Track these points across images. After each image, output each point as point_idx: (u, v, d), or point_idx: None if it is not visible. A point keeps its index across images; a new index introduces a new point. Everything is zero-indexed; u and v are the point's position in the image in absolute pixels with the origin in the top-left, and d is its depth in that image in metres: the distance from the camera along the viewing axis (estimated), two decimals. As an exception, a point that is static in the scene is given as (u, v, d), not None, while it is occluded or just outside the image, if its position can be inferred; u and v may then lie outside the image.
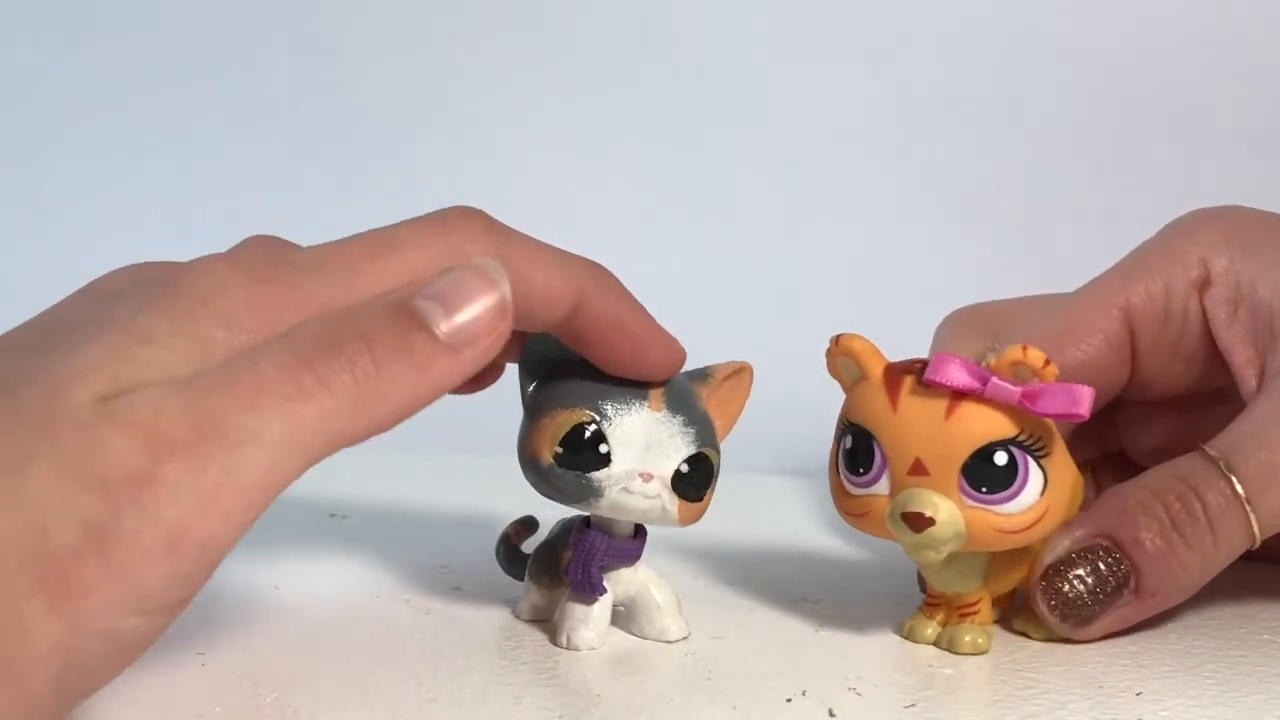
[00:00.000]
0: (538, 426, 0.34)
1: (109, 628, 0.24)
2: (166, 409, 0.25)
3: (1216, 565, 0.36)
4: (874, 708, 0.31)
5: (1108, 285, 0.40)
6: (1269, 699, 0.32)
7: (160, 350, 0.26)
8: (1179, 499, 0.35)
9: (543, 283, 0.31)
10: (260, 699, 0.31)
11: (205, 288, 0.27)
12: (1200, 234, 0.39)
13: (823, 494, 0.54)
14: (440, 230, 0.30)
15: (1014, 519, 0.33)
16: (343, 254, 0.29)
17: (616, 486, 0.34)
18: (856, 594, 0.40)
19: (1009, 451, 0.33)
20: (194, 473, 0.24)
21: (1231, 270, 0.38)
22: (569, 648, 0.35)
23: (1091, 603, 0.35)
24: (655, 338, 0.34)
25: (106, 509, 0.24)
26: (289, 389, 0.26)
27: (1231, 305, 0.38)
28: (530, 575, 0.37)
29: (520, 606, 0.38)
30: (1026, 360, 0.32)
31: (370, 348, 0.27)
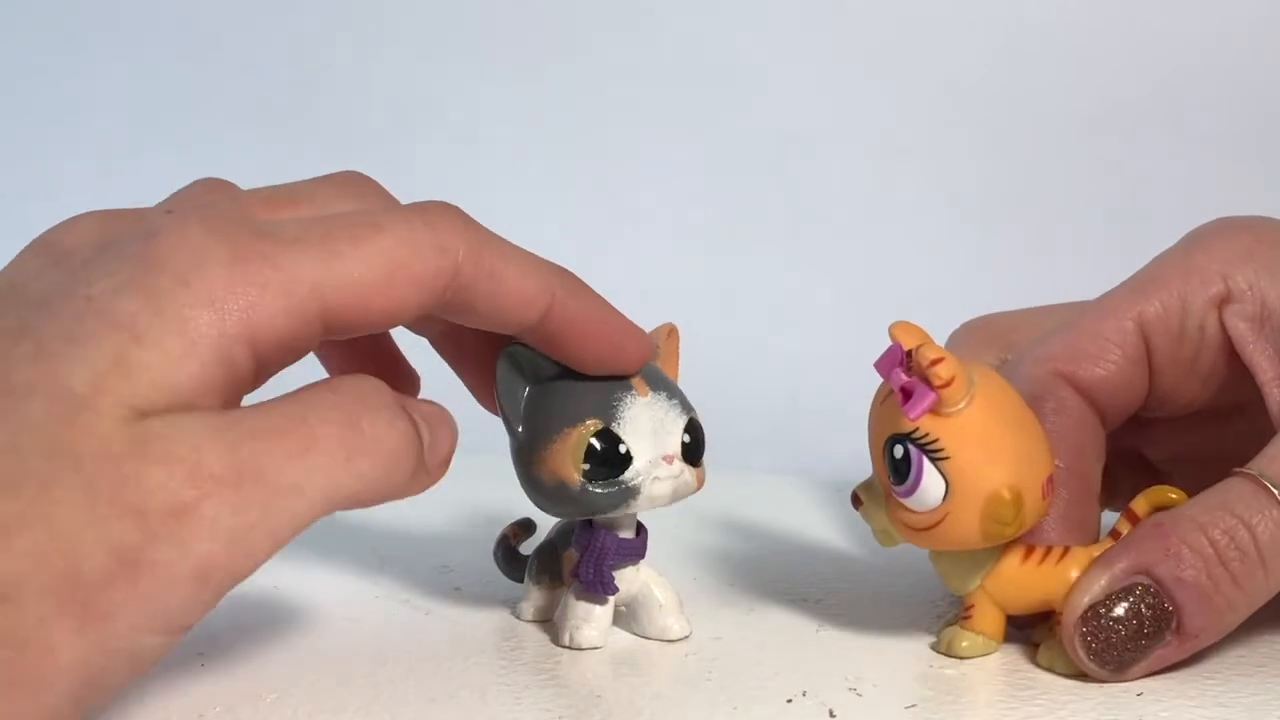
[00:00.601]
0: (549, 453, 0.34)
1: (130, 647, 0.25)
2: (206, 446, 0.26)
3: (1265, 598, 0.34)
4: (874, 708, 0.31)
5: (1123, 298, 0.38)
6: (1269, 699, 0.32)
7: (155, 355, 0.26)
8: (1226, 532, 0.33)
9: (517, 285, 0.31)
10: (260, 699, 0.31)
11: (184, 263, 0.27)
12: (1221, 249, 0.38)
13: (823, 494, 0.54)
14: (422, 223, 0.30)
15: (915, 516, 0.33)
16: (323, 232, 0.29)
17: (648, 479, 0.34)
18: (856, 594, 0.40)
19: (905, 446, 0.33)
20: (234, 511, 0.26)
21: (1256, 287, 0.37)
22: (572, 646, 0.35)
23: (1132, 647, 0.33)
24: (627, 333, 0.34)
25: (140, 537, 0.25)
26: (335, 452, 0.27)
27: (1257, 322, 0.37)
28: (531, 576, 0.37)
29: (521, 607, 0.38)
30: (916, 356, 0.32)
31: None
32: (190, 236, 0.27)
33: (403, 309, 0.30)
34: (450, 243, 0.30)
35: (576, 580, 0.35)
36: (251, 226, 0.28)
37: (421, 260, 0.29)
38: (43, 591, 0.24)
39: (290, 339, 0.28)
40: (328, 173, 0.33)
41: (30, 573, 0.24)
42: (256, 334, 0.27)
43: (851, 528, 0.49)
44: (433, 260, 0.30)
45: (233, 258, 0.27)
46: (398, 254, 0.29)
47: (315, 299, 0.28)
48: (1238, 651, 0.35)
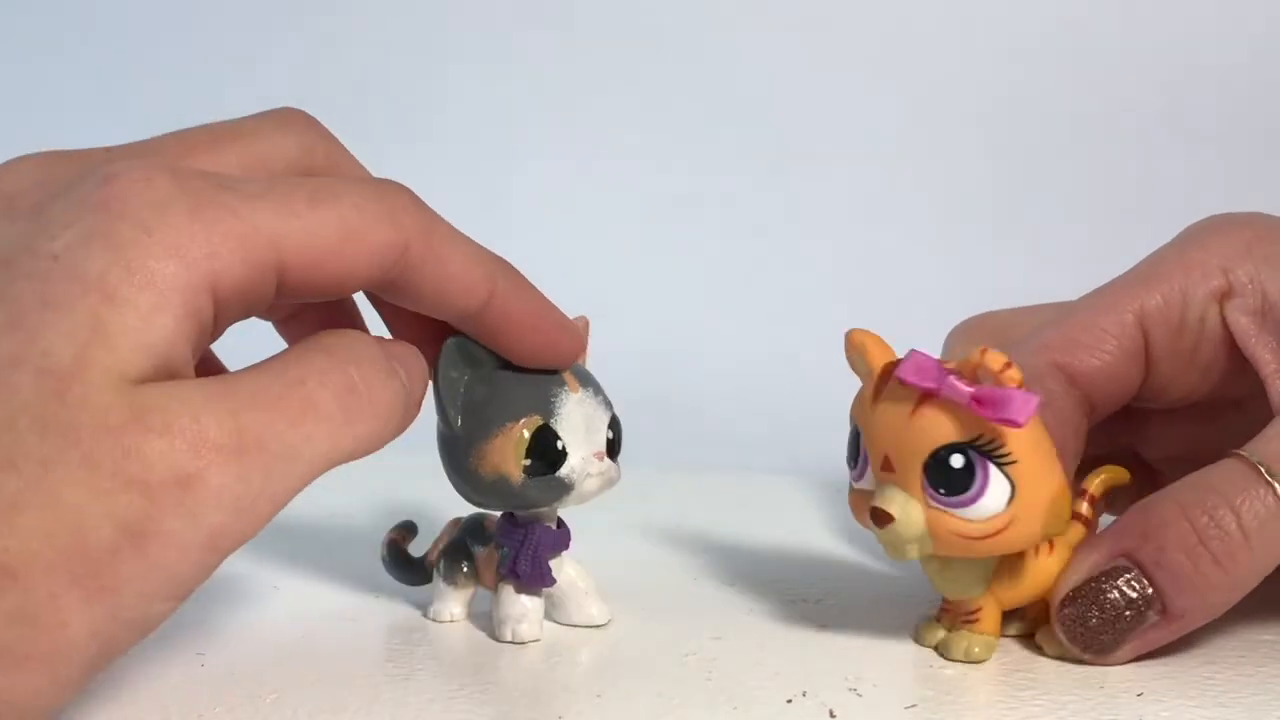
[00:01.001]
0: (490, 447, 0.34)
1: (142, 615, 0.26)
2: (206, 415, 0.26)
3: (1254, 579, 0.34)
4: (874, 708, 0.31)
5: (1122, 291, 0.39)
6: (1269, 699, 0.32)
7: (130, 315, 0.26)
8: (1208, 513, 0.33)
9: (462, 270, 0.32)
10: (260, 699, 0.31)
11: (146, 210, 0.27)
12: (1221, 244, 0.38)
13: (823, 494, 0.54)
14: (376, 196, 0.30)
15: (976, 525, 0.32)
16: (283, 191, 0.29)
17: (580, 475, 0.35)
18: (857, 594, 0.40)
19: (966, 454, 0.32)
20: (238, 479, 0.26)
21: (1257, 281, 0.37)
22: (514, 641, 0.36)
23: (1111, 631, 0.34)
24: (563, 328, 0.35)
25: (147, 508, 0.25)
26: (335, 414, 0.28)
27: (1259, 315, 0.37)
28: (445, 578, 0.37)
29: (437, 609, 0.37)
30: (984, 363, 0.31)
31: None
32: (150, 183, 0.27)
33: (353, 274, 0.30)
34: (402, 218, 0.30)
35: (512, 576, 0.36)
36: (210, 177, 0.28)
37: (374, 229, 0.30)
38: (51, 568, 0.24)
39: (248, 289, 0.28)
40: (268, 110, 0.33)
41: (38, 550, 0.24)
42: (218, 282, 0.27)
43: (852, 528, 0.49)
44: (385, 231, 0.30)
45: (193, 206, 0.27)
46: (352, 220, 0.29)
47: (272, 250, 0.28)
48: (1238, 651, 0.35)
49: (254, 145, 0.32)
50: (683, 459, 0.57)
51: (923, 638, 0.36)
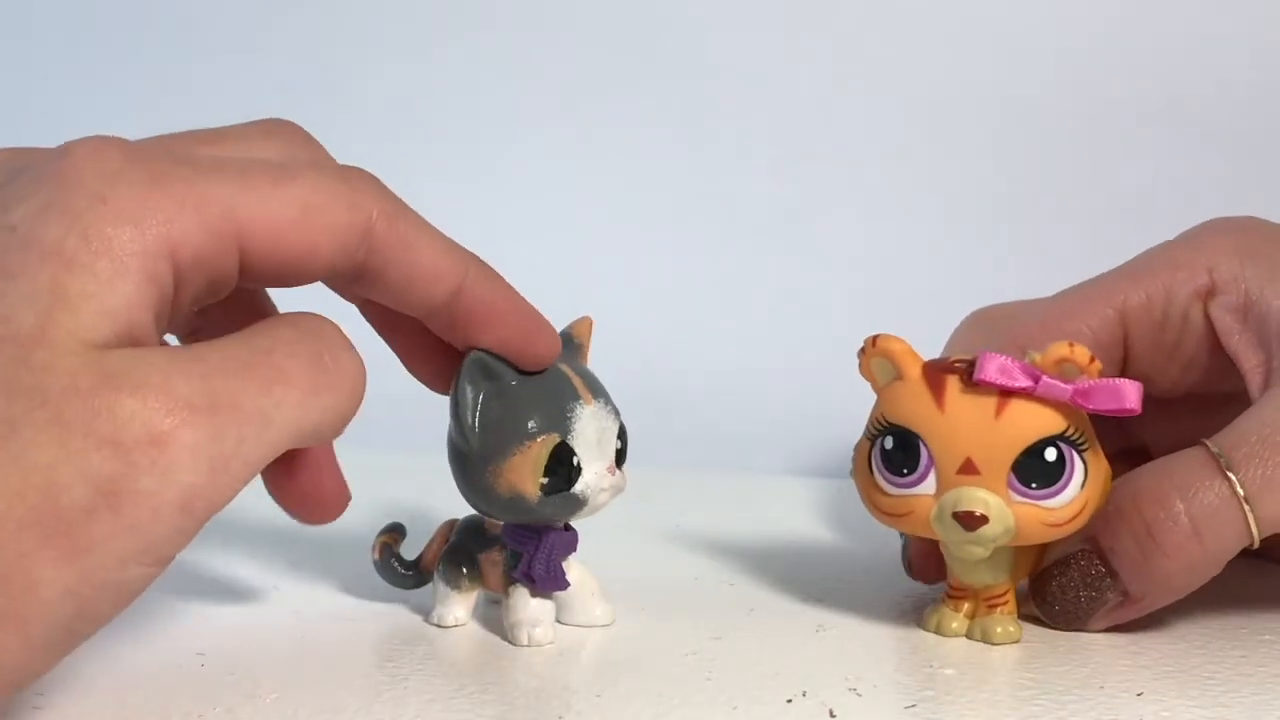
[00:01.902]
0: (508, 465, 0.34)
1: (118, 578, 0.25)
2: (177, 377, 0.26)
3: (1209, 566, 0.35)
4: (874, 708, 0.31)
5: (1107, 284, 0.40)
6: (1269, 699, 0.32)
7: (89, 281, 0.26)
8: (1158, 503, 0.35)
9: (429, 257, 0.32)
10: (260, 699, 0.31)
11: (100, 181, 0.27)
12: (1209, 244, 0.39)
13: (823, 494, 0.54)
14: (338, 178, 0.30)
15: (1059, 512, 0.34)
16: (241, 167, 0.29)
17: (594, 490, 0.35)
18: (856, 594, 0.40)
19: (1058, 447, 0.33)
20: (212, 439, 0.26)
21: (1241, 278, 0.38)
22: (530, 644, 0.35)
23: (1075, 608, 0.36)
24: (538, 324, 0.34)
25: (120, 468, 0.25)
26: (304, 384, 0.28)
27: (1241, 313, 0.38)
28: (447, 582, 0.37)
29: (440, 614, 0.37)
30: (1073, 357, 0.33)
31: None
32: (104, 155, 0.28)
33: (314, 253, 0.30)
34: (365, 201, 0.30)
35: (526, 580, 0.36)
36: (167, 152, 0.29)
37: (335, 209, 0.30)
38: (21, 526, 0.24)
39: (207, 258, 0.28)
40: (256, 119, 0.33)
41: (6, 510, 0.24)
42: (176, 250, 0.27)
43: (851, 528, 0.49)
44: (345, 211, 0.30)
45: (149, 176, 0.27)
46: (312, 199, 0.30)
47: (230, 221, 0.28)
48: (1238, 651, 0.35)
49: (233, 148, 0.31)
50: (683, 459, 0.57)
51: (944, 628, 0.37)
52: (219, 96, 0.68)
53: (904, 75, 0.61)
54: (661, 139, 0.64)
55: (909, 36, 0.61)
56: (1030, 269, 0.48)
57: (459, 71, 0.66)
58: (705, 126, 0.63)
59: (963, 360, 0.34)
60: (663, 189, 0.64)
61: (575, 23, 0.65)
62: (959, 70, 0.61)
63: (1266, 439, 0.34)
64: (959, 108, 0.61)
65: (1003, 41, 0.60)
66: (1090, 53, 0.59)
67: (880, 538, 0.41)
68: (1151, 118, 0.59)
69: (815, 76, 0.62)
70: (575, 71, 0.65)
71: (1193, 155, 0.58)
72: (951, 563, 0.37)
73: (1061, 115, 0.60)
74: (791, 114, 0.62)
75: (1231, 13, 0.58)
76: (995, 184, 0.61)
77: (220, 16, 0.68)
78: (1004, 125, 0.60)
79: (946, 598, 0.37)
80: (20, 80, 0.71)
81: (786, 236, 0.63)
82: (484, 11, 0.66)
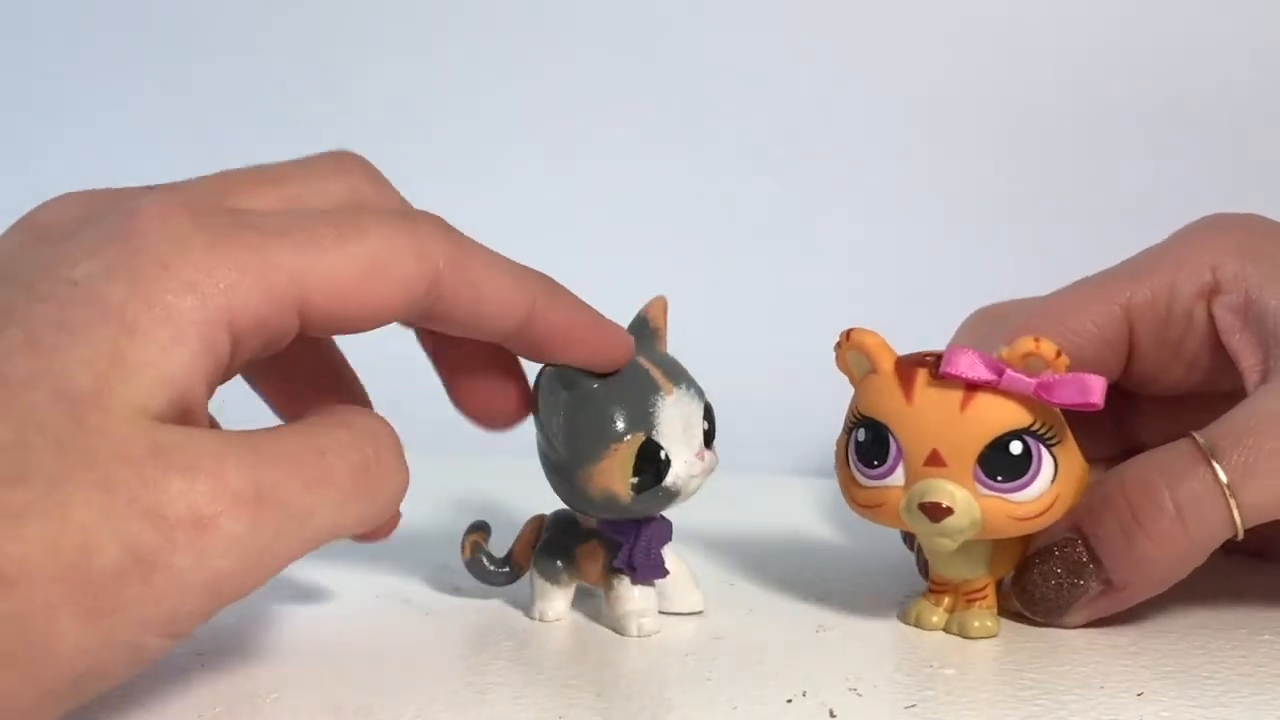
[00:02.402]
0: (598, 470, 0.34)
1: (135, 643, 0.26)
2: (229, 464, 0.26)
3: (1194, 555, 0.35)
4: (874, 708, 0.31)
5: (1111, 281, 0.40)
6: (1269, 699, 0.32)
7: (148, 348, 0.26)
8: (1145, 490, 0.35)
9: (495, 293, 0.32)
10: (260, 699, 0.31)
11: (165, 245, 0.27)
12: (1213, 242, 0.39)
13: (822, 494, 0.54)
14: (405, 228, 0.31)
15: (1027, 506, 0.34)
16: (307, 225, 0.29)
17: (685, 479, 0.35)
18: (856, 594, 0.40)
19: (1024, 441, 0.33)
20: (251, 531, 0.26)
21: (1242, 277, 0.38)
22: (640, 635, 0.36)
23: (1056, 596, 0.36)
24: (607, 338, 0.35)
25: (158, 541, 0.25)
26: (347, 489, 0.29)
27: (1241, 312, 0.38)
28: (547, 577, 0.37)
29: (541, 609, 0.38)
30: (1039, 351, 0.33)
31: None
32: (170, 219, 0.28)
33: (381, 308, 0.30)
34: (431, 249, 0.31)
35: (628, 569, 0.36)
36: (233, 215, 0.29)
37: (402, 262, 0.30)
38: (52, 579, 0.24)
39: (266, 324, 0.28)
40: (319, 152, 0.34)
41: (39, 560, 0.24)
42: (236, 318, 0.28)
43: (851, 528, 0.49)
44: (413, 264, 0.30)
45: (211, 241, 0.28)
46: (379, 254, 0.30)
47: (294, 286, 0.28)
48: (1238, 651, 0.35)
49: (295, 188, 0.32)
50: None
51: (922, 621, 0.37)
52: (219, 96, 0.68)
53: (904, 75, 0.61)
54: (661, 139, 0.64)
55: (909, 36, 0.61)
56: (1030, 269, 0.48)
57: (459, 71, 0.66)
58: (705, 126, 0.63)
59: (933, 354, 0.34)
60: (662, 189, 0.64)
61: (575, 22, 0.65)
62: (959, 70, 0.61)
63: (1251, 428, 0.34)
64: (959, 108, 0.61)
65: (1003, 41, 0.60)
66: (1090, 53, 0.59)
67: (880, 538, 0.42)
68: (1151, 118, 0.59)
69: (815, 76, 0.62)
70: (575, 71, 0.65)
71: (1193, 155, 0.58)
72: (929, 556, 0.37)
73: (1061, 115, 0.60)
74: (791, 114, 0.62)
75: (1231, 13, 0.58)
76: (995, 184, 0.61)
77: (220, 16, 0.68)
78: (1004, 125, 0.60)
79: (928, 591, 0.37)
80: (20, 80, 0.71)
81: (786, 236, 0.63)
82: (484, 11, 0.66)
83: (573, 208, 0.63)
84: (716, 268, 0.63)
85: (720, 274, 0.63)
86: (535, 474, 0.36)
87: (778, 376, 0.61)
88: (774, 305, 0.62)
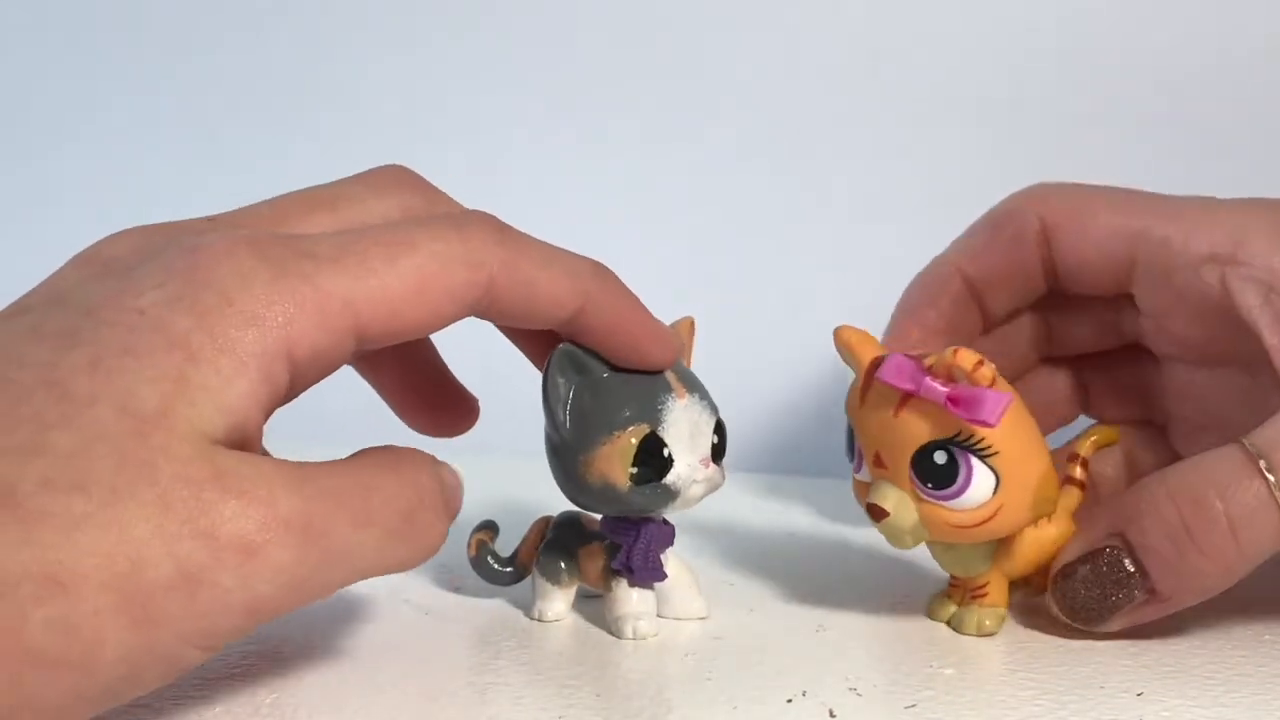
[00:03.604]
0: (598, 455, 0.34)
1: (173, 654, 0.27)
2: (281, 494, 0.27)
3: (1243, 567, 0.34)
4: (874, 708, 0.31)
5: (1133, 206, 0.40)
6: (1269, 699, 0.32)
7: (211, 376, 0.28)
8: (1196, 501, 0.34)
9: (548, 288, 0.32)
10: (260, 699, 0.31)
11: (229, 280, 0.28)
12: (1247, 215, 0.39)
13: (822, 494, 0.54)
14: (457, 238, 0.31)
15: (965, 514, 0.34)
16: (360, 249, 0.30)
17: (686, 482, 0.35)
18: (856, 594, 0.40)
19: (948, 451, 0.34)
20: (295, 561, 0.27)
21: (1265, 256, 0.37)
22: (635, 637, 0.36)
23: (1100, 606, 0.35)
24: (655, 335, 0.35)
25: (207, 560, 0.26)
26: (390, 531, 0.30)
27: (1263, 289, 0.37)
28: (548, 578, 0.38)
29: (541, 609, 0.38)
30: (956, 363, 0.33)
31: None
32: (233, 253, 0.29)
33: (435, 318, 0.31)
34: (484, 256, 0.31)
35: (626, 571, 0.36)
36: (291, 245, 0.30)
37: (453, 274, 0.31)
38: (103, 587, 0.25)
39: (324, 354, 0.29)
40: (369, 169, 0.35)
41: (93, 568, 0.25)
42: (294, 349, 0.29)
43: (851, 528, 0.49)
44: (465, 274, 0.31)
45: (272, 275, 0.29)
46: (430, 268, 0.30)
47: (349, 314, 0.29)
48: (1238, 652, 0.35)
49: (349, 212, 0.33)
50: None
51: (935, 613, 0.38)
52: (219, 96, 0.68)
53: (904, 75, 0.61)
54: (658, 138, 0.64)
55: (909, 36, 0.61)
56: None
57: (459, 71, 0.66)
58: (701, 125, 0.63)
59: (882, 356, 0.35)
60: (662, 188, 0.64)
61: (575, 22, 0.65)
62: (959, 70, 0.61)
63: None
64: (959, 107, 0.61)
65: (1003, 41, 0.60)
66: (1090, 52, 0.59)
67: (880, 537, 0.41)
68: (1151, 117, 0.59)
69: (815, 76, 0.62)
70: (575, 71, 0.65)
71: (1193, 155, 0.58)
72: (933, 553, 0.37)
73: (1062, 115, 0.60)
74: (791, 114, 0.62)
75: (1231, 13, 0.58)
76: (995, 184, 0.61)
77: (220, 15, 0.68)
78: (1004, 125, 0.60)
79: (949, 586, 0.38)
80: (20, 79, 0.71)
81: (786, 236, 0.63)
82: (484, 10, 0.66)
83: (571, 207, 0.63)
84: (716, 267, 0.63)
85: (720, 274, 0.63)
86: (542, 476, 0.36)
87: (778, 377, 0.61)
88: (774, 306, 0.63)
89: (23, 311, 0.29)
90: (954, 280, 0.41)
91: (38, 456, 0.26)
